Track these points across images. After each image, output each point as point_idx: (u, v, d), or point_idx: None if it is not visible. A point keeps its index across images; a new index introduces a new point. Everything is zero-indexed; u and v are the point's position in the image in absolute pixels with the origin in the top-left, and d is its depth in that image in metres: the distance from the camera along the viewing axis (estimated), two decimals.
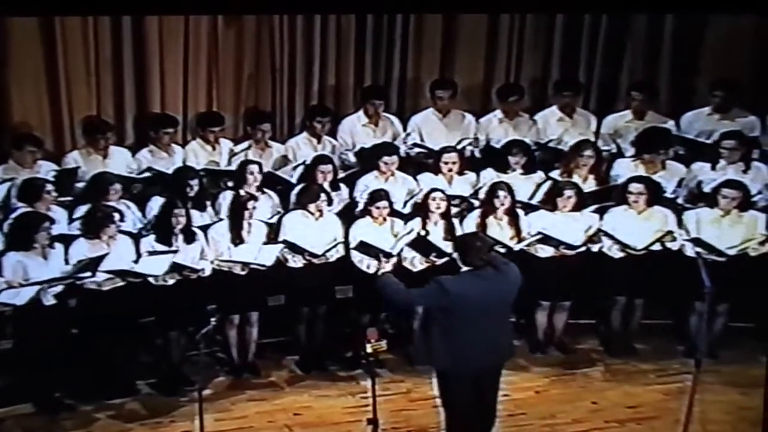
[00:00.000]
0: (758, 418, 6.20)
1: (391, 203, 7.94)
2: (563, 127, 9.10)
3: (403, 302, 6.46)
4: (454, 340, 6.09)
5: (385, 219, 7.92)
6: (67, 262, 7.28)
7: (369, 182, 8.32)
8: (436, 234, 7.90)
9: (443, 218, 7.94)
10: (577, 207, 8.07)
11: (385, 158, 8.33)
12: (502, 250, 7.78)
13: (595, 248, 8.09)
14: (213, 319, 6.55)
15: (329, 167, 8.20)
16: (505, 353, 6.48)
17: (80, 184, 8.03)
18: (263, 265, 7.66)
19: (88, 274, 7.21)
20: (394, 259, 7.77)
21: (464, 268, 6.22)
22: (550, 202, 8.10)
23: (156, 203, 7.86)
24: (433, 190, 7.98)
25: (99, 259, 7.22)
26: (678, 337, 8.35)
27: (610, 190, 8.39)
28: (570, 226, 8.03)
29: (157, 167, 8.30)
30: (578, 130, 9.05)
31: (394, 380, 7.78)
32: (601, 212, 8.20)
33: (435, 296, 6.10)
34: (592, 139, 8.89)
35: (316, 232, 7.88)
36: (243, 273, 7.70)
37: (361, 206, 8.10)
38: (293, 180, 8.43)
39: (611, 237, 8.02)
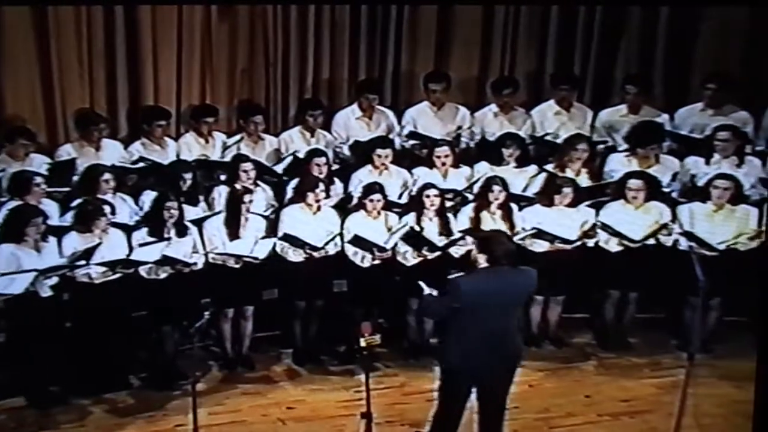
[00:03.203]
0: (751, 412, 6.26)
1: (385, 197, 7.96)
2: (560, 122, 9.11)
3: (438, 314, 6.40)
4: (465, 337, 6.05)
5: (379, 213, 7.94)
6: (61, 254, 7.30)
7: (363, 176, 8.34)
8: (432, 229, 7.93)
9: (438, 215, 7.96)
10: (574, 203, 8.13)
11: (379, 150, 8.35)
12: None
13: (590, 243, 8.12)
14: (207, 313, 6.56)
15: (323, 160, 8.20)
16: (514, 355, 6.36)
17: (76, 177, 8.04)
18: (257, 258, 7.67)
19: (83, 262, 7.22)
20: (388, 254, 7.83)
21: (483, 265, 6.11)
22: (546, 198, 8.14)
23: (150, 197, 7.84)
24: (427, 186, 7.99)
25: (92, 249, 7.26)
26: (671, 331, 8.42)
27: (606, 185, 8.43)
28: (565, 221, 8.08)
29: (151, 159, 8.31)
30: (575, 124, 9.08)
31: (387, 374, 7.83)
32: (596, 207, 8.22)
33: (451, 296, 6.05)
34: (588, 133, 8.94)
35: (314, 225, 7.89)
36: (237, 266, 7.72)
37: (355, 200, 8.13)
38: (280, 170, 8.45)
39: (611, 230, 8.08)
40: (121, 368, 7.72)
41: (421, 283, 6.34)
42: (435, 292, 6.27)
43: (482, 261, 6.10)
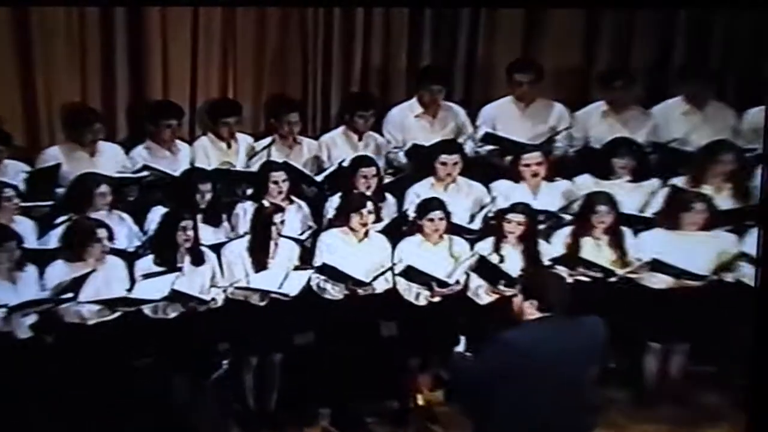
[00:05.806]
0: None
1: (448, 215, 7.67)
2: (690, 123, 8.80)
3: (473, 385, 5.98)
4: (523, 409, 5.67)
5: (441, 236, 7.69)
6: (43, 287, 7.16)
7: (423, 190, 8.10)
8: (513, 260, 7.70)
9: (523, 241, 7.71)
10: (708, 226, 7.84)
11: (444, 157, 8.09)
12: (599, 275, 7.76)
13: (729, 278, 7.74)
14: (225, 362, 6.93)
15: (372, 170, 8.01)
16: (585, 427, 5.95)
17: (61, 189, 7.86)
18: (287, 295, 7.42)
19: (70, 295, 7.05)
20: (456, 288, 7.63)
21: (534, 315, 5.82)
22: (671, 219, 7.87)
23: (156, 215, 7.73)
24: (512, 208, 7.79)
25: (82, 279, 7.03)
26: None
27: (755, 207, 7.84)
28: (696, 250, 7.80)
29: (158, 168, 8.10)
30: (712, 128, 8.72)
31: None
32: (739, 233, 7.88)
33: (500, 358, 5.65)
34: (731, 138, 8.53)
35: (360, 255, 7.68)
36: (263, 304, 7.52)
37: (410, 220, 7.84)
38: (319, 179, 8.32)
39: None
40: (120, 429, 7.53)
41: (462, 338, 6.04)
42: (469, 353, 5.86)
43: (531, 310, 5.80)
